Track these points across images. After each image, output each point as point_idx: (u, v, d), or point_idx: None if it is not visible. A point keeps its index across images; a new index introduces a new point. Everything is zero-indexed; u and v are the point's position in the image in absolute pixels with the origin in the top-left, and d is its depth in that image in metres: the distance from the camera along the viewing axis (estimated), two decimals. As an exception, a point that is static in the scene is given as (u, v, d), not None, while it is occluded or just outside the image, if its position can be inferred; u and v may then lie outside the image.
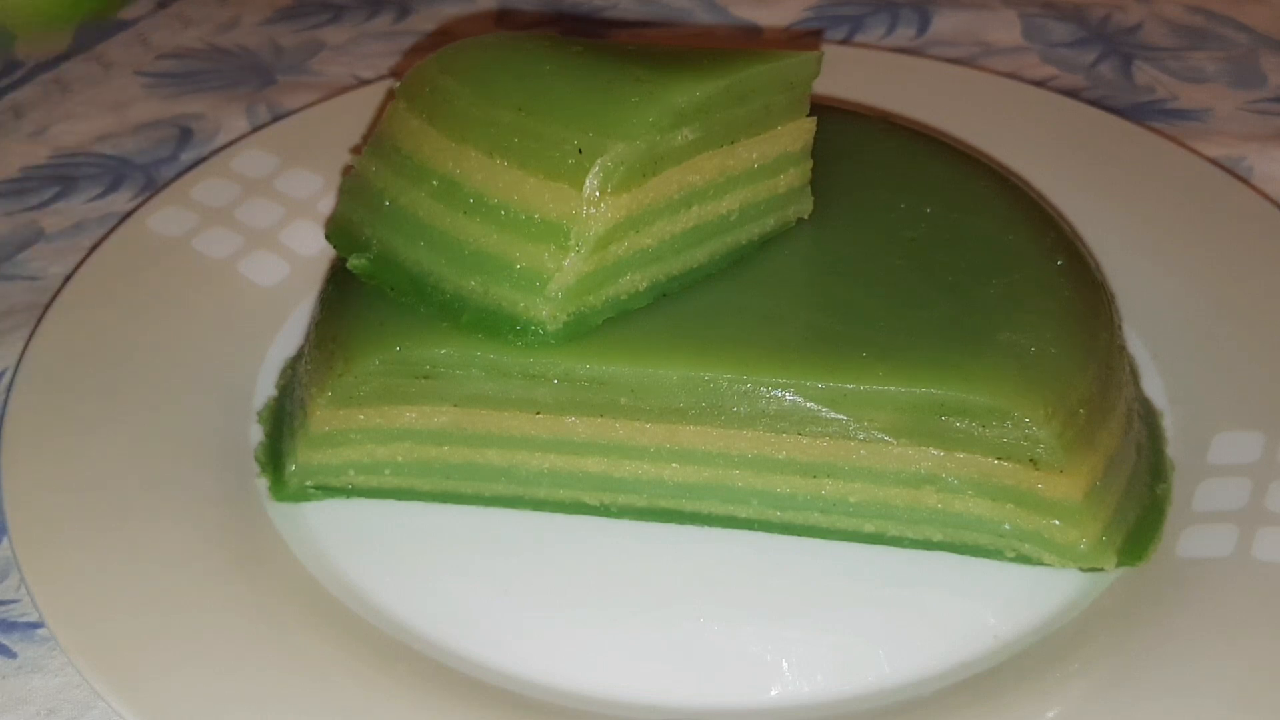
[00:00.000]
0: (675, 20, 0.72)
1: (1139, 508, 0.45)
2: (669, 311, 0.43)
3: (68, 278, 0.53)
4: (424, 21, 0.72)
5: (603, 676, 0.42)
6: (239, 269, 0.54)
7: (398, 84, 0.45)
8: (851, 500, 0.44)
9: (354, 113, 0.60)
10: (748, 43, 0.70)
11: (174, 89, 0.68)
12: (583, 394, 0.43)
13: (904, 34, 0.70)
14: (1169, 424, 0.48)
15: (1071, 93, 0.65)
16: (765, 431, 0.43)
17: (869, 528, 0.45)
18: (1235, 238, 0.53)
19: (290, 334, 0.52)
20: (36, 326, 0.51)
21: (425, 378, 0.43)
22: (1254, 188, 0.56)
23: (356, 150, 0.58)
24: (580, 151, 0.40)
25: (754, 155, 0.44)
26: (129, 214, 0.56)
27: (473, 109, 0.42)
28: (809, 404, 0.42)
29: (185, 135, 0.64)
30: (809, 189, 0.46)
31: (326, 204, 0.55)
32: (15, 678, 0.42)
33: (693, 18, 0.72)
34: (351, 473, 0.46)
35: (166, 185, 0.57)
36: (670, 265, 0.43)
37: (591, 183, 0.40)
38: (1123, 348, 0.47)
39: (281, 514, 0.46)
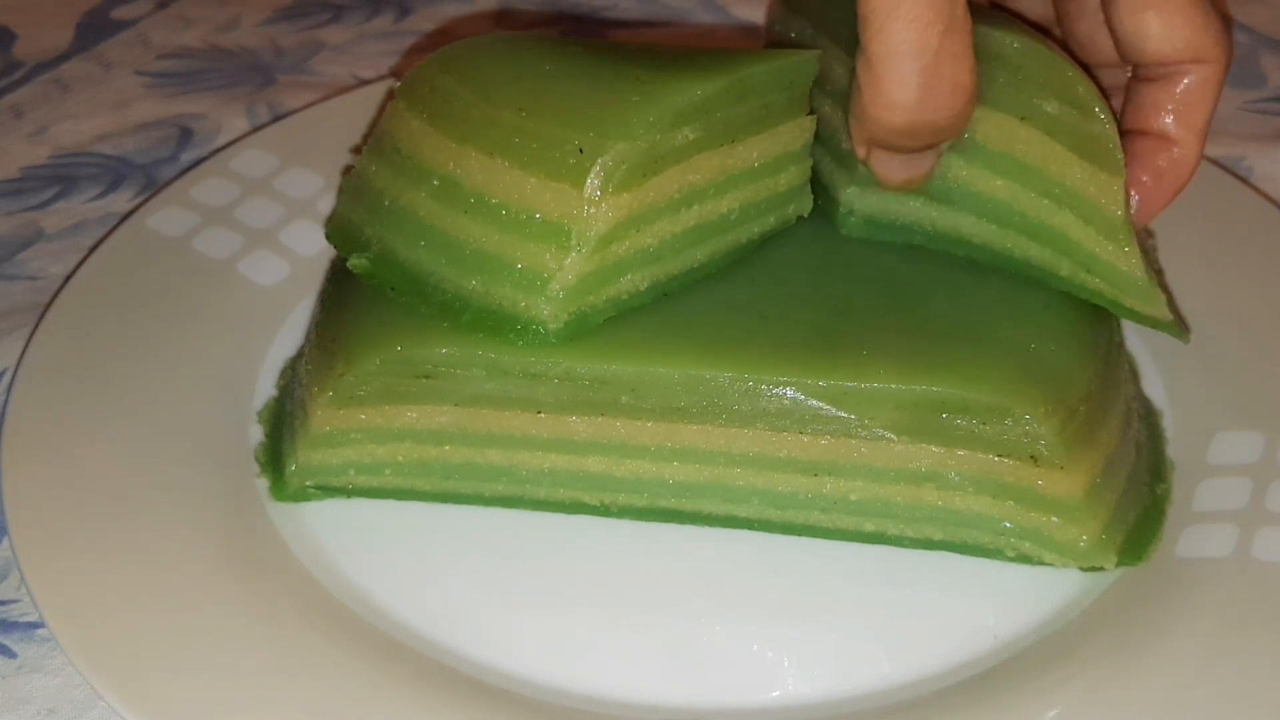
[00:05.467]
0: (675, 20, 0.72)
1: (1139, 507, 0.45)
2: (670, 310, 0.43)
3: (68, 278, 0.53)
4: (424, 21, 0.72)
5: (603, 676, 0.42)
6: (239, 269, 0.54)
7: (398, 84, 0.45)
8: (852, 498, 0.44)
9: (354, 113, 0.60)
10: (748, 43, 0.70)
11: (174, 89, 0.68)
12: (584, 393, 0.43)
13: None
14: (1169, 424, 0.48)
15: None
16: (766, 430, 0.43)
17: (870, 526, 0.45)
18: (1235, 238, 0.53)
19: (290, 334, 0.52)
20: (36, 326, 0.51)
21: (426, 377, 0.43)
22: (1254, 188, 0.56)
23: (356, 150, 0.58)
24: (581, 151, 0.40)
25: (754, 154, 0.44)
26: (129, 214, 0.56)
27: (473, 109, 0.42)
28: (810, 402, 0.42)
29: (185, 135, 0.64)
30: (809, 187, 0.46)
31: (326, 204, 0.55)
32: (15, 678, 0.42)
33: (693, 18, 0.72)
34: (352, 473, 0.46)
35: (166, 185, 0.57)
36: (671, 264, 0.43)
37: (592, 182, 0.40)
38: (1122, 344, 0.47)
39: (281, 514, 0.46)
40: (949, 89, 0.39)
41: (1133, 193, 0.42)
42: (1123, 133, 0.43)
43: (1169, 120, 0.42)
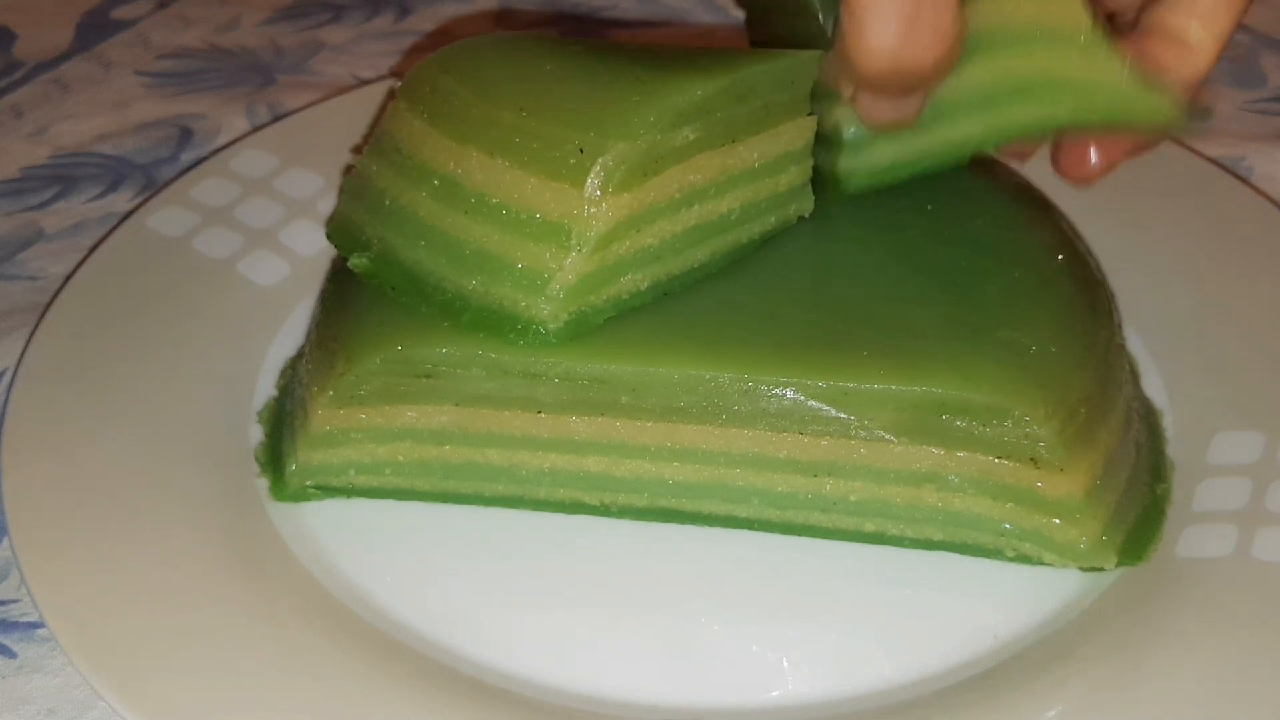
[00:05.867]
0: (675, 20, 0.72)
1: (1139, 507, 0.45)
2: (670, 310, 0.43)
3: (68, 278, 0.53)
4: (424, 21, 0.72)
5: (603, 676, 0.42)
6: (239, 269, 0.54)
7: (398, 84, 0.45)
8: (852, 499, 0.44)
9: (354, 113, 0.60)
10: (747, 43, 0.70)
11: (174, 89, 0.68)
12: (584, 393, 0.43)
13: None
14: (1169, 424, 0.48)
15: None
16: (766, 430, 0.43)
17: (869, 526, 0.45)
18: (1235, 238, 0.53)
19: (290, 334, 0.52)
20: (36, 326, 0.51)
21: (426, 377, 0.43)
22: (1254, 188, 0.56)
23: (357, 150, 0.58)
24: (581, 151, 0.40)
25: (755, 154, 0.44)
26: (129, 214, 0.56)
27: (473, 109, 0.42)
28: (810, 403, 0.42)
29: (185, 135, 0.64)
30: (810, 187, 0.46)
31: (326, 204, 0.55)
32: (15, 678, 0.42)
33: (693, 18, 0.72)
34: (352, 472, 0.46)
35: (166, 185, 0.57)
36: (671, 264, 0.43)
37: (593, 182, 0.40)
38: (1122, 346, 0.47)
39: (281, 514, 0.46)
40: (930, 35, 0.38)
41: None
42: (1137, 24, 0.41)
43: (1189, 21, 0.41)
